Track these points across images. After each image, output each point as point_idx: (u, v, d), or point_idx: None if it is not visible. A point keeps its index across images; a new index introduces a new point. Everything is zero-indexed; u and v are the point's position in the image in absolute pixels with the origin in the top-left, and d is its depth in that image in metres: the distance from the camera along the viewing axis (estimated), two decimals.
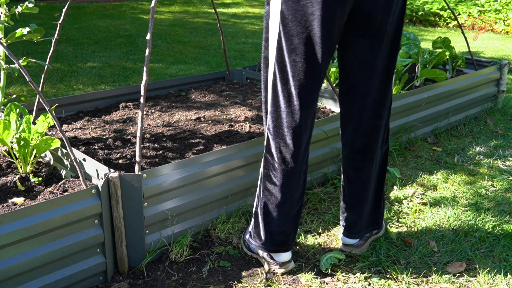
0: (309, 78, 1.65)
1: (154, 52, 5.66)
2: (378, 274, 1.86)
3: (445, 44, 3.71)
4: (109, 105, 2.97)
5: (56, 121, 1.69)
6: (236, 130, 2.57)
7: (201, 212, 2.03)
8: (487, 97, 3.68)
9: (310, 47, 1.61)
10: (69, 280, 1.69)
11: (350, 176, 1.92)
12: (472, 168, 2.78)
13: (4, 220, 1.51)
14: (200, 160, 1.98)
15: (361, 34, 1.68)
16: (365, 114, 1.80)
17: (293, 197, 1.79)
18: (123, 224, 1.79)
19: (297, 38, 1.60)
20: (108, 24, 7.33)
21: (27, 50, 5.40)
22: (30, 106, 2.48)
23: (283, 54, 1.64)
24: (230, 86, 3.40)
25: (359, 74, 1.75)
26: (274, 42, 1.66)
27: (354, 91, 1.79)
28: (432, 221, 2.22)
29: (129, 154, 2.21)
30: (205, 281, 1.83)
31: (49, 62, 2.27)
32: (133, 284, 1.80)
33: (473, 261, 1.94)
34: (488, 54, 5.94)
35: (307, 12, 1.56)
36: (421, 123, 3.11)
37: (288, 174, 1.74)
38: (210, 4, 10.05)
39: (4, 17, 2.11)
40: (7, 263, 1.53)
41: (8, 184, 1.94)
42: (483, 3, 8.18)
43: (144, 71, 1.79)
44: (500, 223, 2.20)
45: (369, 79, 1.74)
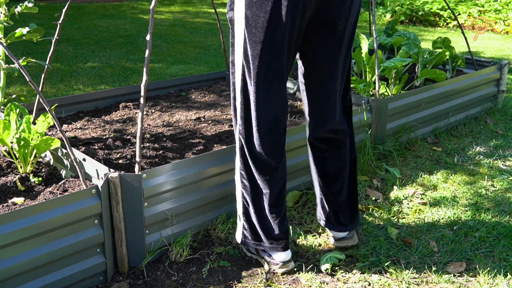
0: (274, 79, 1.70)
1: (154, 52, 5.66)
2: (378, 274, 1.86)
3: (445, 44, 3.71)
4: (109, 105, 2.97)
5: (56, 121, 1.69)
6: None
7: (201, 212, 2.03)
8: (487, 97, 3.68)
9: (273, 52, 1.66)
10: (69, 280, 1.69)
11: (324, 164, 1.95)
12: (472, 168, 2.78)
13: (4, 220, 1.51)
14: (200, 160, 1.98)
15: (324, 37, 1.75)
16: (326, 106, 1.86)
17: (276, 191, 1.80)
18: (123, 224, 1.79)
19: (260, 44, 1.64)
20: (108, 24, 7.33)
21: (27, 50, 5.40)
22: (30, 106, 2.48)
23: (248, 59, 1.69)
24: (230, 86, 3.39)
25: (323, 73, 1.81)
26: (240, 47, 1.71)
27: (319, 90, 1.84)
28: (432, 221, 2.22)
29: (129, 154, 2.21)
30: (205, 281, 1.83)
31: (49, 62, 2.27)
32: (133, 284, 1.80)
33: (473, 261, 1.94)
34: (488, 54, 5.95)
35: (270, 18, 1.60)
36: (421, 123, 3.11)
37: (266, 169, 1.77)
38: (210, 4, 10.05)
39: (4, 17, 2.11)
40: (7, 263, 1.53)
41: (8, 184, 1.94)
42: (483, 3, 8.18)
43: (144, 71, 1.79)
44: (500, 223, 2.20)
45: (331, 80, 1.82)
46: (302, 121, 2.75)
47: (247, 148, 1.77)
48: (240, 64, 1.73)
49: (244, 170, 1.80)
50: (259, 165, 1.77)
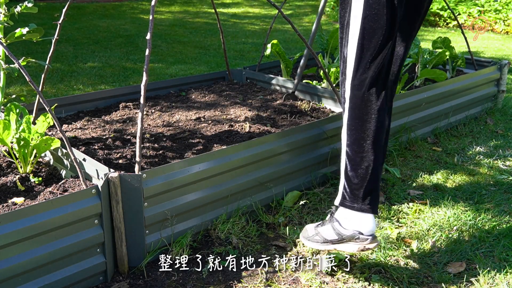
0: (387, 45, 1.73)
1: (154, 52, 5.66)
2: (378, 274, 1.86)
3: (445, 44, 3.71)
4: (109, 105, 2.97)
5: (56, 121, 1.69)
6: (236, 130, 2.57)
7: (201, 212, 2.03)
8: (487, 97, 3.68)
9: (388, 26, 1.68)
10: (69, 280, 1.69)
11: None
12: (472, 168, 2.78)
13: (4, 220, 1.51)
14: (200, 160, 1.98)
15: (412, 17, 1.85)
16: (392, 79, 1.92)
17: (381, 150, 1.79)
18: (123, 224, 1.79)
19: (380, 19, 1.67)
20: (108, 24, 7.33)
21: (27, 50, 5.40)
22: (30, 106, 2.48)
23: (364, 32, 1.71)
24: (230, 86, 3.40)
25: (402, 43, 1.90)
26: (357, 20, 1.72)
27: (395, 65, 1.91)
28: (432, 221, 2.22)
29: (129, 154, 2.21)
30: (205, 281, 1.83)
31: (49, 62, 2.27)
32: (133, 284, 1.80)
33: (473, 261, 1.94)
34: (488, 54, 5.95)
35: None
36: (421, 123, 3.11)
37: (378, 125, 1.75)
38: (210, 4, 10.05)
39: (4, 17, 2.11)
40: (7, 263, 1.53)
41: (8, 184, 1.94)
42: (483, 3, 8.18)
43: (144, 71, 1.79)
44: (500, 223, 2.20)
45: (406, 49, 1.90)
46: (302, 121, 2.75)
47: (361, 104, 1.76)
48: (356, 30, 1.73)
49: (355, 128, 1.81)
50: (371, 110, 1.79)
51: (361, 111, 1.76)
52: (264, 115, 2.80)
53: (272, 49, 3.35)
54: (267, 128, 2.61)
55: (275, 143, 2.24)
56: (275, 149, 2.24)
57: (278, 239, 2.10)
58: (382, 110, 1.77)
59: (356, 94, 1.76)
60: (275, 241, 2.08)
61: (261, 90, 3.33)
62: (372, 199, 1.78)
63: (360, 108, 1.76)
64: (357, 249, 1.80)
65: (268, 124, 2.67)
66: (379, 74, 1.74)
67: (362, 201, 1.78)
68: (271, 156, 2.23)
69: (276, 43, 3.36)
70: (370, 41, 1.71)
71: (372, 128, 1.76)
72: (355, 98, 1.76)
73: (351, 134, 1.79)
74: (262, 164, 2.21)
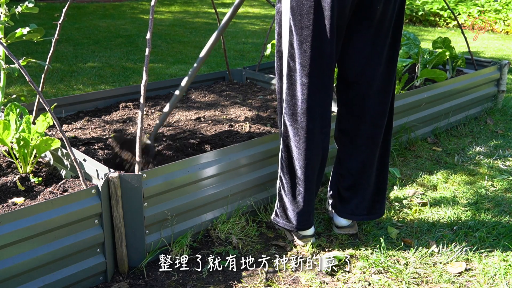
0: (320, 66, 1.76)
1: (154, 52, 5.66)
2: (378, 274, 1.86)
3: (445, 44, 3.71)
4: (109, 105, 2.97)
5: (56, 121, 1.69)
6: (236, 130, 2.57)
7: (201, 212, 2.03)
8: (487, 97, 3.68)
9: (319, 38, 1.71)
10: (69, 280, 1.69)
11: (348, 159, 2.03)
12: (472, 168, 2.78)
13: (4, 220, 1.51)
14: (200, 160, 1.98)
15: (364, 25, 1.79)
16: (370, 101, 1.90)
17: (313, 177, 1.90)
18: (123, 224, 1.79)
19: (306, 30, 1.70)
20: (108, 24, 7.33)
21: (27, 50, 5.40)
22: (30, 106, 2.48)
23: (293, 46, 1.75)
24: (230, 86, 3.40)
25: (363, 64, 1.85)
26: (286, 35, 1.78)
27: (358, 81, 1.88)
28: (432, 221, 2.22)
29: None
30: (205, 281, 1.83)
31: (49, 62, 2.27)
32: (133, 284, 1.80)
33: (473, 261, 1.94)
34: (488, 54, 5.95)
35: (316, 4, 1.67)
36: (421, 123, 3.11)
37: (307, 155, 1.85)
38: (210, 4, 10.05)
39: (4, 17, 2.11)
40: (7, 263, 1.53)
41: (8, 184, 1.94)
42: (483, 3, 8.18)
43: (144, 71, 1.79)
44: (500, 223, 2.20)
45: (374, 67, 1.85)
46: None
47: (291, 130, 1.86)
48: (286, 51, 1.79)
49: (286, 151, 1.92)
50: (299, 145, 1.87)
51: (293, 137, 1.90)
52: (264, 115, 2.80)
53: (272, 49, 3.35)
54: (267, 128, 2.61)
55: (275, 143, 2.24)
56: (275, 149, 2.24)
57: (278, 239, 2.10)
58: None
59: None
60: (275, 241, 2.08)
61: (261, 90, 3.34)
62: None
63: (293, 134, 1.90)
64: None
65: (268, 124, 2.67)
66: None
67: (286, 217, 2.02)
68: (271, 156, 2.23)
69: None
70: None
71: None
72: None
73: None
74: (262, 164, 2.21)
